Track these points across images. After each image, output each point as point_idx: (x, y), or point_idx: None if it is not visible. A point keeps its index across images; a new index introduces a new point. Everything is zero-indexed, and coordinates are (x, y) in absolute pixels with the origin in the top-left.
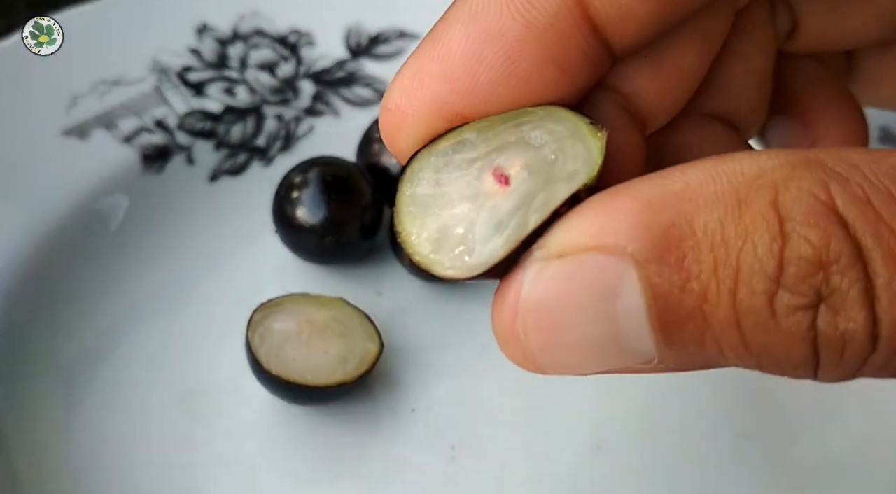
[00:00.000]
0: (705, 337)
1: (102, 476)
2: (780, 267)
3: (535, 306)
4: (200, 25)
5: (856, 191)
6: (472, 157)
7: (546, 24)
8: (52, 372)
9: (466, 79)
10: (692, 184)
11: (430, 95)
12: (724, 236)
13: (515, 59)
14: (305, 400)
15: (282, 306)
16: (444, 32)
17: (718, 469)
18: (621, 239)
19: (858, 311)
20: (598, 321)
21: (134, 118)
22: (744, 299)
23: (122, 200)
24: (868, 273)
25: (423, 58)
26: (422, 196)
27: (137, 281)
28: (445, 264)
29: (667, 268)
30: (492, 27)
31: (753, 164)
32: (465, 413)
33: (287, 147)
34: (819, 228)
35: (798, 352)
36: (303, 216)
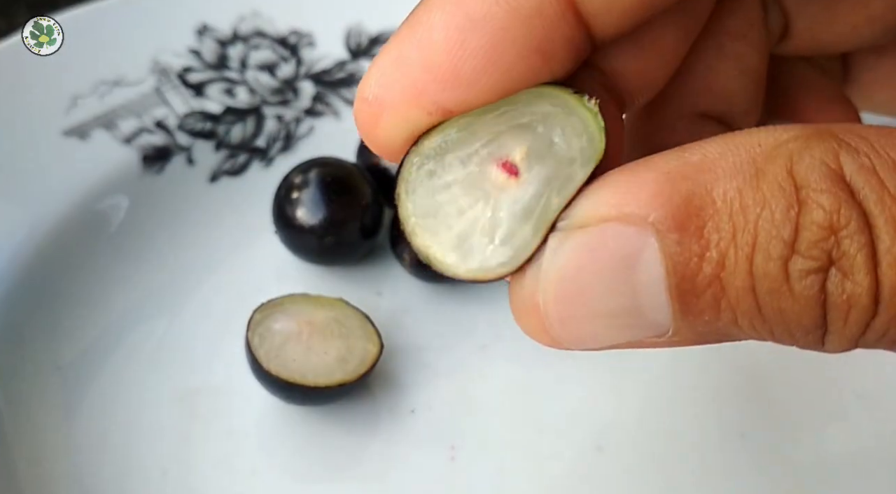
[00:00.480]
0: (721, 305)
1: (102, 475)
2: (795, 232)
3: (556, 276)
4: (200, 26)
5: (863, 160)
6: (467, 154)
7: (531, 10)
8: (52, 371)
9: (448, 67)
10: (710, 156)
11: (409, 84)
12: (743, 204)
13: (499, 46)
14: (305, 400)
15: (282, 306)
16: (425, 18)
17: (719, 470)
18: (643, 208)
19: (864, 275)
20: (618, 291)
21: (134, 119)
22: (760, 265)
23: (122, 201)
24: (872, 238)
25: (401, 44)
26: (426, 207)
27: (137, 281)
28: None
29: (687, 237)
30: (475, 13)
31: (770, 136)
32: (465, 414)
33: (287, 148)
34: (831, 194)
35: (808, 316)
36: (303, 216)
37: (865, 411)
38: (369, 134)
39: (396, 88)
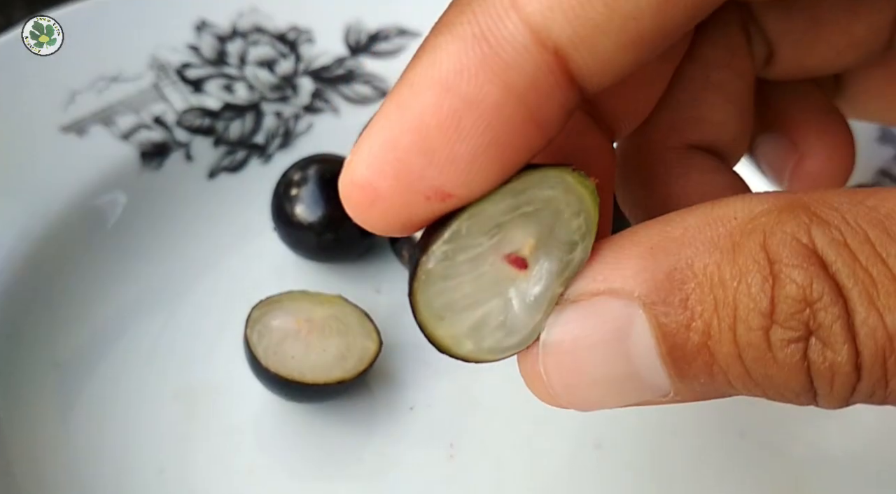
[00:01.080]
0: (713, 370)
1: (100, 472)
2: (772, 304)
3: (554, 349)
4: (199, 22)
5: (834, 233)
6: (477, 253)
7: (526, 84)
8: (49, 368)
9: (445, 151)
10: (690, 230)
11: (404, 170)
12: (721, 277)
13: (495, 125)
14: (304, 397)
15: (280, 303)
16: (415, 100)
17: (718, 468)
18: (629, 283)
19: (842, 344)
20: (613, 360)
21: (132, 115)
22: (742, 334)
23: (120, 197)
24: (849, 309)
25: (392, 127)
26: (442, 305)
27: (135, 277)
28: (491, 350)
29: (672, 309)
30: (468, 95)
31: (745, 209)
32: (464, 411)
33: (286, 144)
34: (802, 269)
35: (795, 382)
36: (301, 213)
37: (865, 409)
38: (362, 217)
39: (390, 174)
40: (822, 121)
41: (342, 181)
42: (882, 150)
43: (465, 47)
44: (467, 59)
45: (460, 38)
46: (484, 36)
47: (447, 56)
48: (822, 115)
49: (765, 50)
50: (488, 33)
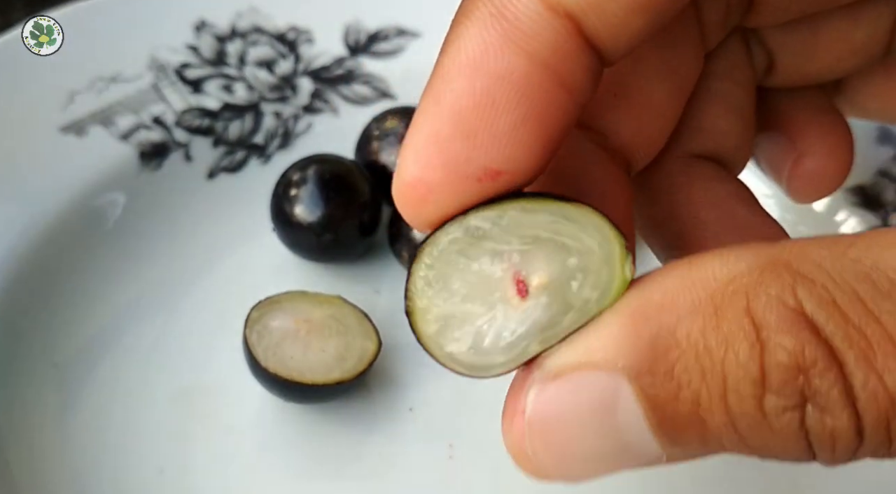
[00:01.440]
0: (706, 438)
1: (99, 473)
2: (762, 372)
3: (539, 427)
4: (199, 22)
5: (821, 293)
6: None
7: (548, 51)
8: (48, 369)
9: (486, 129)
10: (670, 294)
11: (451, 157)
12: (707, 345)
13: (529, 94)
14: (303, 398)
15: (279, 304)
16: (447, 88)
17: (717, 467)
18: (611, 354)
19: (842, 410)
20: (602, 434)
21: (131, 115)
22: (734, 404)
23: (119, 197)
24: (845, 374)
25: (431, 120)
26: (440, 274)
27: (134, 278)
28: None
29: (658, 379)
30: (498, 71)
31: (724, 269)
32: (464, 412)
33: (285, 144)
34: (792, 335)
35: (794, 447)
36: (301, 214)
37: None
38: (417, 216)
39: (438, 165)
40: (820, 120)
41: (395, 188)
42: (881, 151)
43: (485, 27)
44: (489, 37)
45: (479, 20)
46: (500, 13)
47: (470, 39)
48: (821, 115)
49: (765, 59)
50: (504, 10)
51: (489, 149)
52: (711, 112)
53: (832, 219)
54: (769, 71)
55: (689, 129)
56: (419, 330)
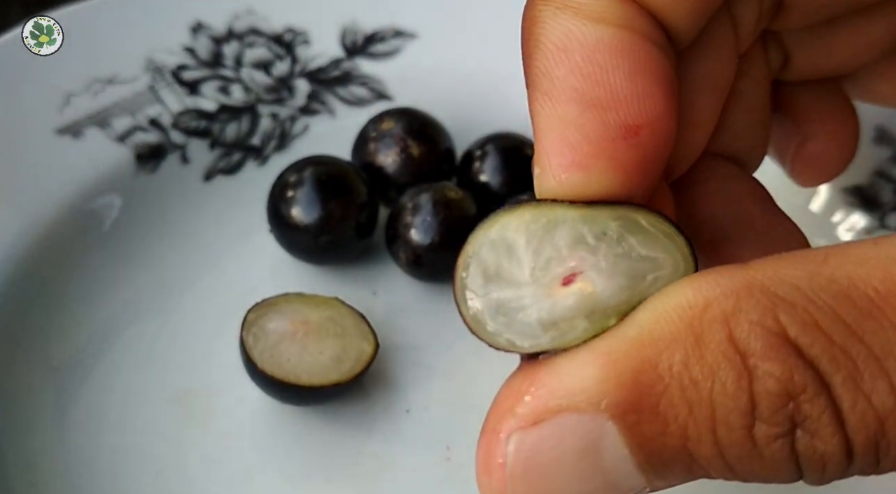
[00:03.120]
0: (693, 468)
1: (96, 476)
2: (751, 401)
3: (522, 476)
4: (195, 24)
5: (803, 316)
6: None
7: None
8: (44, 372)
9: (604, 92)
10: (646, 327)
11: (588, 130)
12: (692, 378)
13: (625, 50)
14: (300, 400)
15: (276, 306)
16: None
17: None
18: (592, 395)
19: (832, 434)
20: (587, 477)
21: (128, 117)
22: (724, 436)
23: (115, 199)
24: (833, 397)
25: (553, 111)
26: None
27: (131, 280)
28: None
29: (644, 416)
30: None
31: (698, 295)
32: (461, 414)
33: (282, 146)
34: (780, 361)
35: (783, 473)
36: (298, 215)
37: None
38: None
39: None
40: (827, 104)
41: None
42: (878, 151)
43: (558, 19)
44: (568, 23)
45: (549, 16)
46: (565, 5)
47: (550, 33)
48: (828, 98)
49: (780, 57)
50: (567, 2)
51: (616, 105)
52: (729, 110)
53: (829, 219)
54: (784, 66)
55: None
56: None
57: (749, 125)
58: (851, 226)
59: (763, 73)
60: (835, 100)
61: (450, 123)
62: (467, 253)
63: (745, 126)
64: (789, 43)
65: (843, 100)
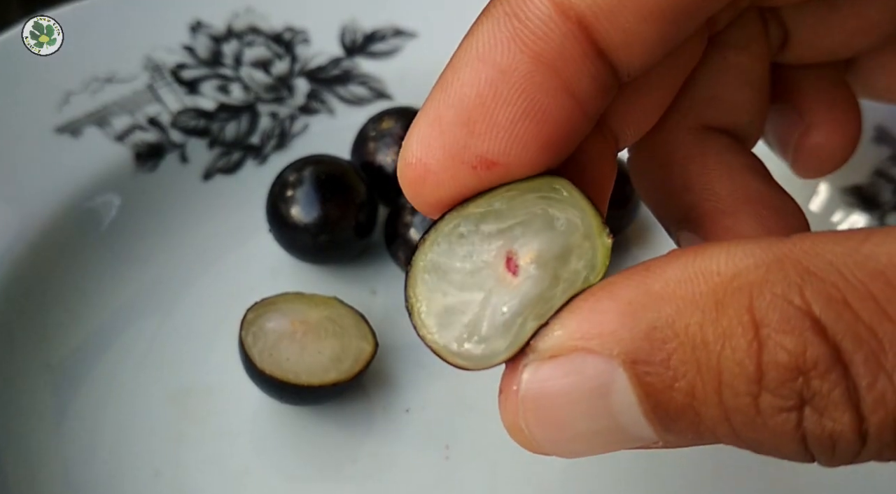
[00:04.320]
0: (700, 429)
1: (94, 475)
2: (759, 371)
3: (532, 404)
4: (194, 23)
5: (831, 291)
6: (497, 229)
7: (555, 53)
8: (43, 371)
9: (484, 119)
10: (671, 284)
11: (450, 141)
12: (704, 339)
13: (530, 92)
14: (299, 399)
15: (275, 305)
16: (455, 77)
17: (715, 469)
18: (607, 341)
19: (843, 413)
20: (595, 416)
21: (127, 116)
22: (729, 399)
23: (114, 198)
24: (850, 375)
25: (436, 106)
26: (438, 264)
27: (130, 279)
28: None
29: (654, 368)
30: (502, 65)
31: (729, 263)
32: (460, 413)
33: (281, 145)
34: (794, 335)
35: (789, 447)
36: (297, 215)
37: None
38: (416, 196)
39: (437, 148)
40: (829, 94)
41: (399, 167)
42: (877, 151)
43: (498, 25)
44: (499, 34)
45: (493, 18)
46: (514, 13)
47: (482, 35)
48: (831, 89)
49: (780, 35)
50: (517, 10)
51: (486, 138)
52: (726, 83)
53: (828, 219)
54: (783, 46)
55: (703, 100)
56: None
57: (747, 99)
58: (851, 225)
59: (762, 48)
60: (837, 91)
61: None
62: (409, 297)
63: (743, 99)
64: (789, 21)
65: (846, 91)
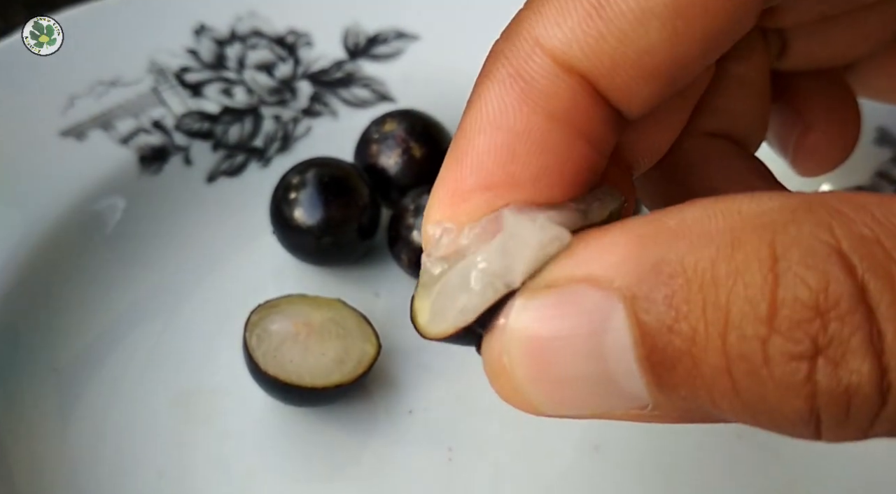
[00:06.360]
0: (696, 384)
1: (99, 477)
2: (772, 309)
3: (521, 336)
4: (198, 26)
5: (863, 230)
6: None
7: (567, 108)
8: (49, 373)
9: (506, 182)
10: (687, 221)
11: (474, 209)
12: (715, 275)
13: (548, 149)
14: (303, 401)
15: (279, 307)
16: (470, 145)
17: (716, 470)
18: (609, 272)
19: (862, 362)
20: (585, 356)
21: (131, 119)
22: (734, 344)
23: (119, 201)
24: (875, 318)
25: (455, 175)
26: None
27: (134, 282)
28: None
29: (654, 305)
30: (517, 128)
31: (753, 204)
32: (463, 414)
33: (285, 148)
34: (817, 270)
35: (793, 406)
36: (300, 217)
37: None
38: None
39: (463, 215)
40: (828, 93)
41: (424, 240)
42: (879, 152)
43: (504, 88)
44: (508, 97)
45: (498, 81)
46: (518, 74)
47: (490, 99)
48: (830, 88)
49: (778, 44)
50: (521, 70)
51: (511, 198)
52: (729, 93)
53: None
54: (781, 55)
55: (705, 111)
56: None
57: (748, 108)
58: None
59: (762, 58)
60: (836, 90)
61: (452, 125)
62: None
63: (744, 109)
64: (788, 34)
65: (845, 90)
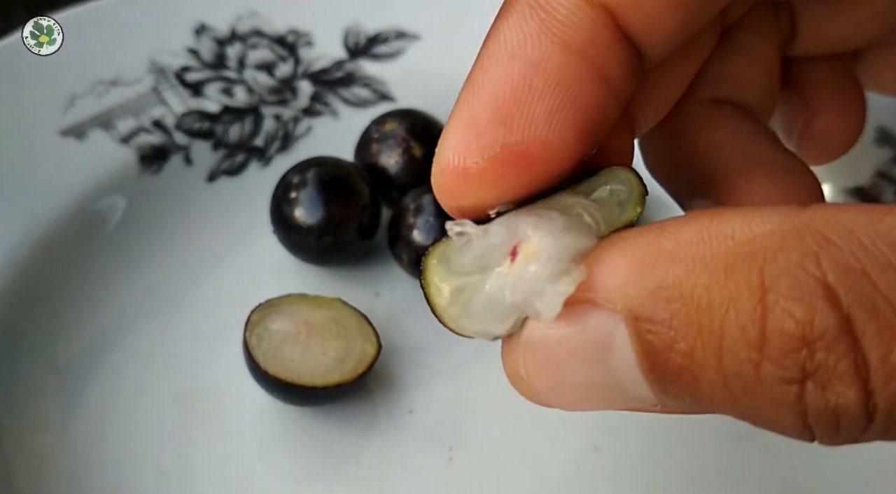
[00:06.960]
0: (698, 394)
1: (99, 476)
2: (762, 337)
3: (533, 351)
4: (198, 26)
5: (849, 261)
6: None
7: (586, 42)
8: (49, 372)
9: (522, 116)
10: (683, 244)
11: (488, 143)
12: (710, 301)
13: (565, 82)
14: (303, 400)
15: (279, 307)
16: (486, 77)
17: (717, 471)
18: (612, 295)
19: (849, 387)
20: (593, 369)
21: (132, 118)
22: (729, 364)
23: (119, 201)
24: (860, 347)
25: (470, 107)
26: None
27: (135, 281)
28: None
29: (655, 326)
30: (534, 58)
31: (745, 228)
32: (463, 414)
33: (285, 147)
34: (803, 303)
35: (787, 421)
36: (301, 216)
37: None
38: (455, 201)
39: (475, 150)
40: (834, 81)
41: (434, 175)
42: (879, 152)
43: (524, 18)
44: (527, 28)
45: (518, 12)
46: (538, 5)
47: (509, 30)
48: (836, 76)
49: (789, 23)
50: (542, 2)
51: (524, 134)
52: (737, 61)
53: None
54: (792, 37)
55: (713, 74)
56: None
57: (757, 78)
58: None
59: (772, 32)
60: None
61: None
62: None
63: (752, 78)
64: (798, 12)
65: (851, 80)
